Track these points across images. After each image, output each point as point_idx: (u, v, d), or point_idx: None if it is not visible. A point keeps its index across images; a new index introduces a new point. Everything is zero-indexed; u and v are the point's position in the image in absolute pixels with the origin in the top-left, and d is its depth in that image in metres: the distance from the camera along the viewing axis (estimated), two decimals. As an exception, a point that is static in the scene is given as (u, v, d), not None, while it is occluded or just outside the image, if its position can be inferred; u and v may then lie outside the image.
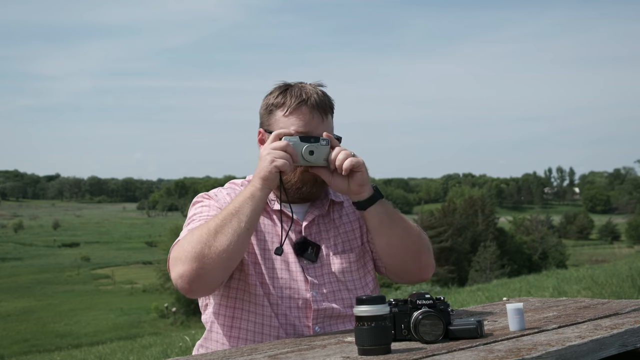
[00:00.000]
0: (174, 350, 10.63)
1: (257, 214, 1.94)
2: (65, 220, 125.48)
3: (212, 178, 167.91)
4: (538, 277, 18.45)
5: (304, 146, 1.98)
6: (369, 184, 2.03)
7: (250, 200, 1.92)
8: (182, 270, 1.87)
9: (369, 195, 2.03)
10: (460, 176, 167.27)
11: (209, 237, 1.86)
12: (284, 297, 2.07)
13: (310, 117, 2.07)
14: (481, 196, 64.99)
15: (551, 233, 61.88)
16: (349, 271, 2.14)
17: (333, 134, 2.12)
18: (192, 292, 1.91)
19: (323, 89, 2.16)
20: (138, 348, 13.89)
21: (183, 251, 1.88)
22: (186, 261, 1.86)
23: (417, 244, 2.12)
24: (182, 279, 1.87)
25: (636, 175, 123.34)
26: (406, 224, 2.11)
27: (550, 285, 12.65)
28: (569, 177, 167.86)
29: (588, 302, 2.25)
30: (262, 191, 1.94)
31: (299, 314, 2.07)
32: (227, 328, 2.11)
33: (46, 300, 51.24)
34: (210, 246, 1.86)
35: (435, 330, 1.67)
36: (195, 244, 1.86)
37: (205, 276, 1.87)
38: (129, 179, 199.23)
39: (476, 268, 45.97)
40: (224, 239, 1.86)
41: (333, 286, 2.12)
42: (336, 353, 1.63)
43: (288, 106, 2.07)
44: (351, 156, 1.98)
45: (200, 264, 1.85)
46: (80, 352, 16.90)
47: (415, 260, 2.13)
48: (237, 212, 1.90)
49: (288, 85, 2.15)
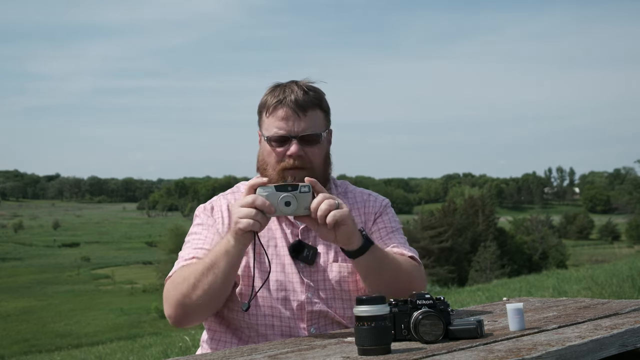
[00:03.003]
0: (174, 350, 10.62)
1: (233, 268, 1.96)
2: (65, 220, 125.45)
3: (212, 178, 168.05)
4: (538, 277, 18.45)
5: (279, 196, 1.83)
6: (356, 234, 1.92)
7: (225, 256, 1.92)
8: (168, 312, 2.04)
9: (359, 246, 1.93)
10: (460, 176, 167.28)
11: (188, 289, 1.96)
12: (279, 298, 2.08)
13: (287, 116, 2.07)
14: (481, 196, 64.92)
15: (551, 233, 61.84)
16: (346, 281, 2.13)
17: (321, 129, 2.12)
18: (182, 327, 2.10)
19: (311, 85, 2.14)
20: (138, 348, 13.88)
21: (169, 296, 2.02)
22: (171, 306, 2.02)
23: (408, 280, 2.08)
24: (170, 319, 2.06)
25: (636, 175, 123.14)
26: (396, 264, 2.05)
27: (550, 285, 12.65)
28: (569, 177, 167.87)
29: (588, 302, 2.25)
30: (235, 247, 1.90)
31: (294, 316, 2.08)
32: (223, 328, 2.14)
33: (46, 300, 51.20)
34: (190, 297, 1.97)
35: (435, 330, 1.67)
36: (178, 294, 1.99)
37: (190, 318, 2.04)
38: (129, 179, 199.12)
39: (476, 268, 45.95)
40: (201, 292, 1.95)
41: (328, 293, 2.12)
42: (336, 353, 1.63)
43: (268, 107, 2.11)
44: (335, 207, 1.84)
45: (183, 312, 2.00)
46: (80, 352, 16.89)
47: (408, 290, 2.04)
48: (213, 267, 1.93)
49: (276, 85, 2.16)
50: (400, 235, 2.26)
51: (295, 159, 2.08)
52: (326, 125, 2.17)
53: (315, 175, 2.10)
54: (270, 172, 2.12)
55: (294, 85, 2.12)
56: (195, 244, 2.13)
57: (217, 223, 2.16)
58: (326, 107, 2.17)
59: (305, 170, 2.08)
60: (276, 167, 2.11)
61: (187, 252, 2.12)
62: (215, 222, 2.16)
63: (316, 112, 2.11)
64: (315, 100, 2.11)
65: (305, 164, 2.09)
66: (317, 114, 2.12)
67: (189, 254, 2.11)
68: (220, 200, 2.23)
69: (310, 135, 2.09)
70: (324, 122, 2.15)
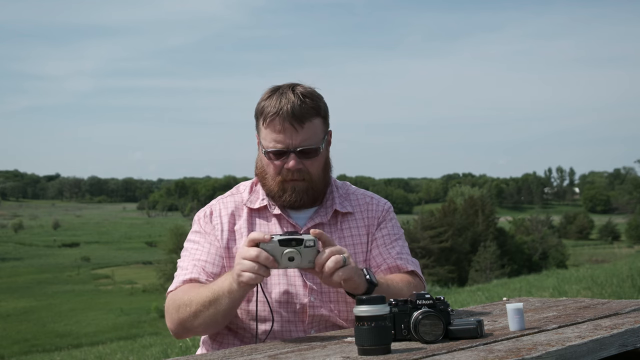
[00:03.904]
0: (174, 350, 10.64)
1: (234, 307, 1.97)
2: (65, 220, 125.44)
3: (212, 178, 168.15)
4: (538, 277, 18.48)
5: (282, 251, 1.81)
6: (362, 283, 1.92)
7: (228, 295, 1.92)
8: (170, 326, 2.08)
9: (363, 290, 1.93)
10: (460, 176, 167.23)
11: (189, 317, 2.00)
12: (281, 301, 2.09)
13: (283, 129, 2.05)
14: (481, 196, 64.93)
15: (551, 233, 61.85)
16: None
17: (319, 138, 2.10)
18: (183, 339, 2.13)
19: (308, 91, 2.11)
20: (138, 348, 13.90)
21: (171, 314, 2.06)
22: (173, 323, 2.06)
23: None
24: (171, 332, 2.10)
25: (636, 175, 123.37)
26: (397, 294, 2.02)
27: (550, 285, 12.68)
28: (569, 177, 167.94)
29: (588, 302, 2.25)
30: (238, 292, 1.90)
31: (295, 319, 2.09)
32: (224, 329, 2.14)
33: (46, 300, 51.20)
34: (192, 323, 2.01)
35: (435, 330, 1.67)
36: (180, 317, 2.02)
37: (190, 335, 2.09)
38: (129, 179, 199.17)
39: (476, 268, 45.97)
40: (201, 322, 1.99)
41: (331, 296, 2.12)
42: (336, 353, 1.63)
43: (265, 117, 2.08)
44: (341, 264, 1.84)
45: (183, 331, 2.06)
46: (80, 352, 16.91)
47: None
48: (215, 303, 1.94)
49: (274, 90, 2.12)
50: (403, 242, 2.27)
51: (294, 172, 2.08)
52: (325, 130, 2.14)
53: (315, 182, 2.12)
54: (269, 183, 2.14)
55: (290, 93, 2.08)
56: (194, 255, 2.14)
57: (216, 230, 2.16)
58: (324, 112, 2.14)
59: (305, 181, 2.10)
60: (275, 179, 2.12)
61: (187, 264, 2.12)
62: (214, 229, 2.17)
63: (313, 121, 2.08)
64: (312, 110, 2.08)
65: (304, 175, 2.10)
66: (315, 123, 2.09)
67: (188, 267, 2.11)
68: (219, 204, 2.22)
69: (308, 148, 2.08)
70: (322, 128, 2.12)
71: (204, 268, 2.09)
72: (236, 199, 2.22)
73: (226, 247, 2.14)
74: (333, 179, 2.27)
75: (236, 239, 2.15)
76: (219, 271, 2.09)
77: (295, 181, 2.10)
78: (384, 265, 2.17)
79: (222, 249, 2.13)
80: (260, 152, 2.17)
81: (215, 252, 2.12)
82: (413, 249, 43.67)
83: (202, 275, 2.08)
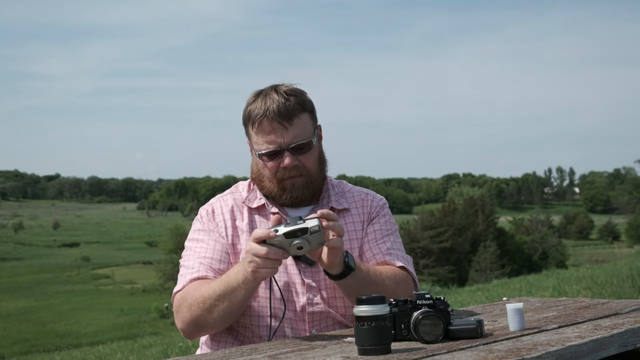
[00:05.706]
0: (174, 350, 10.64)
1: (248, 297, 1.98)
2: (65, 220, 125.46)
3: (212, 178, 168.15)
4: (538, 277, 18.48)
5: (290, 242, 1.83)
6: (341, 263, 1.93)
7: (244, 286, 1.92)
8: (181, 327, 2.07)
9: (340, 271, 1.95)
10: (460, 176, 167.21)
11: (204, 313, 1.99)
12: (280, 299, 2.09)
13: (273, 129, 2.06)
14: (481, 196, 64.94)
15: (551, 233, 61.79)
16: None
17: (309, 133, 2.11)
18: (194, 339, 2.16)
19: (290, 88, 2.12)
20: (138, 348, 13.88)
21: (182, 314, 2.04)
22: (184, 323, 2.05)
23: (395, 295, 2.04)
24: (182, 333, 2.10)
25: (636, 175, 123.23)
26: (379, 285, 2.03)
27: (550, 285, 12.68)
28: (569, 177, 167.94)
29: (588, 302, 2.25)
30: (254, 283, 1.92)
31: (295, 317, 2.09)
32: (226, 329, 2.14)
33: (46, 300, 51.20)
34: (206, 319, 2.01)
35: (435, 330, 1.67)
36: (193, 315, 2.01)
37: (202, 334, 2.12)
38: (129, 179, 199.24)
39: (476, 268, 45.97)
40: (216, 316, 1.99)
41: (329, 292, 2.12)
42: (336, 353, 1.63)
43: (253, 121, 2.10)
44: (338, 231, 1.88)
45: (196, 329, 2.06)
46: (80, 352, 16.89)
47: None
48: (230, 295, 1.94)
49: (258, 94, 2.13)
50: (395, 238, 2.25)
51: (291, 170, 2.09)
52: (314, 124, 2.15)
53: (313, 176, 2.13)
54: (267, 185, 2.14)
55: (273, 93, 2.09)
56: (199, 253, 2.13)
57: (220, 227, 2.17)
58: (310, 106, 2.15)
59: (303, 177, 2.11)
60: (273, 179, 2.12)
61: (193, 263, 2.12)
62: (217, 226, 2.17)
63: (301, 117, 2.09)
64: (298, 106, 2.09)
65: (302, 171, 2.11)
66: (303, 119, 2.10)
67: (194, 265, 2.11)
68: (220, 201, 2.23)
69: (301, 144, 2.08)
70: (311, 123, 2.14)
71: (211, 265, 2.09)
72: (235, 197, 2.23)
73: (232, 244, 2.14)
74: (329, 177, 2.28)
75: (239, 235, 2.16)
76: (225, 267, 2.09)
77: (293, 178, 2.11)
78: (373, 261, 2.17)
79: (227, 245, 2.14)
80: (254, 157, 2.18)
81: (220, 248, 2.13)
82: (413, 249, 43.84)
83: (210, 273, 2.08)
